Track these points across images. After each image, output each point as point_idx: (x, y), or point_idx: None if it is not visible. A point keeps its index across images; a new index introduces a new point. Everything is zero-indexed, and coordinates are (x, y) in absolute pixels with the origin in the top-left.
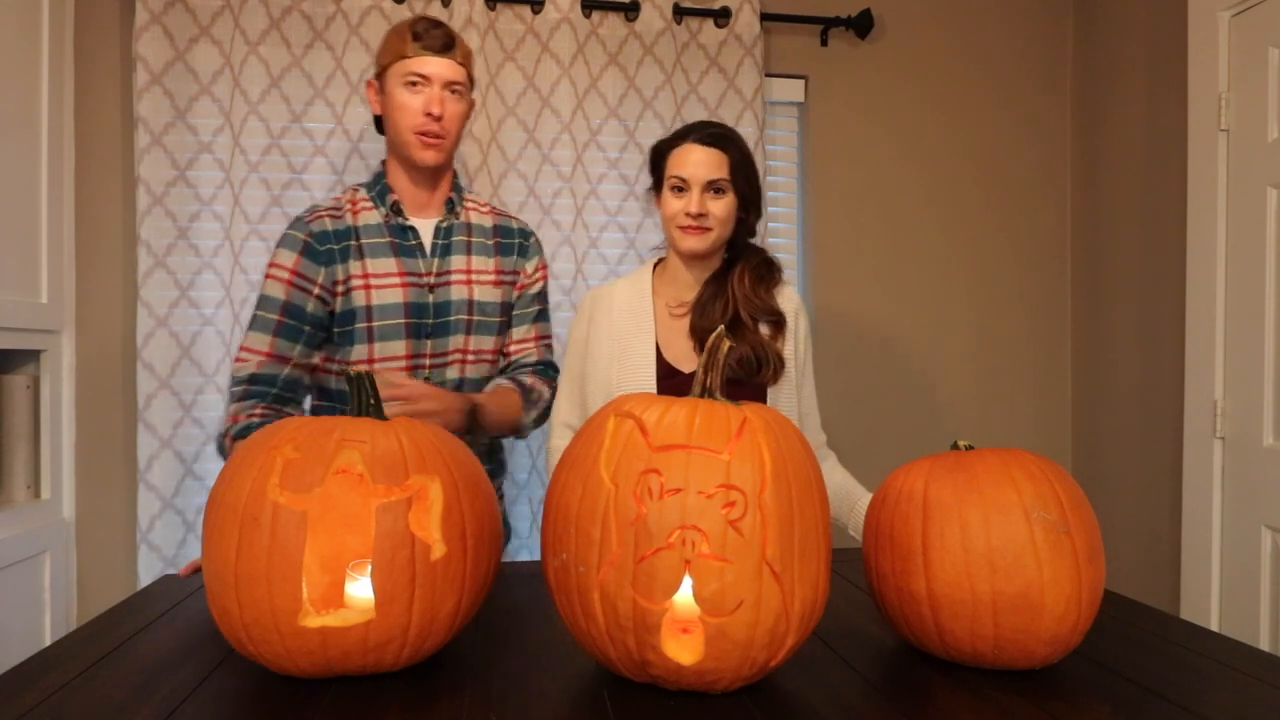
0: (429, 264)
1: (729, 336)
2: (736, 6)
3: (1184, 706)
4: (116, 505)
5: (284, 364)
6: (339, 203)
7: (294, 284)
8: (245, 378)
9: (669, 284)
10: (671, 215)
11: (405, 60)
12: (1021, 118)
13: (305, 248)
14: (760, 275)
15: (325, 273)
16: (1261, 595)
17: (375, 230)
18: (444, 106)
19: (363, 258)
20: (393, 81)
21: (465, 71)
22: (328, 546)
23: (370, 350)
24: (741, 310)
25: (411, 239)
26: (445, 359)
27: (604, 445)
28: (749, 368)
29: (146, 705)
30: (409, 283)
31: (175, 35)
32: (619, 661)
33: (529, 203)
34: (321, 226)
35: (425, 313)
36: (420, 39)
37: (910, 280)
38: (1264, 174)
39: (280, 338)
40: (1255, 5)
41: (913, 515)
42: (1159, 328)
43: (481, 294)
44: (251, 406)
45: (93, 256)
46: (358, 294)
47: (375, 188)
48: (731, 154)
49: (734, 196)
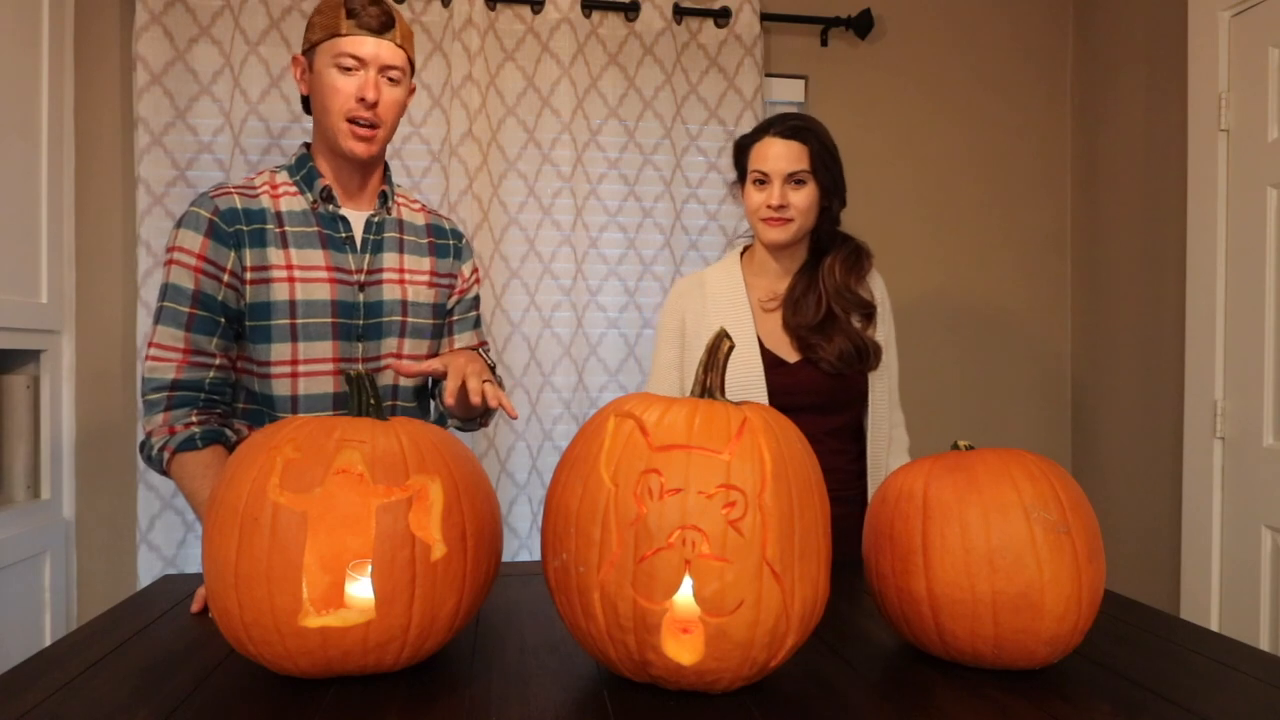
0: (359, 260)
1: (822, 334)
2: (736, 6)
3: (1184, 706)
4: (116, 505)
5: (205, 365)
6: (252, 182)
7: (203, 270)
8: (167, 382)
9: (759, 275)
10: (754, 208)
11: (337, 39)
12: (1021, 118)
13: (211, 228)
14: (850, 266)
15: (234, 257)
16: (1261, 595)
17: (300, 218)
18: (379, 92)
19: (286, 246)
20: (322, 60)
21: (405, 55)
22: (328, 546)
23: (294, 350)
24: (834, 304)
25: (342, 231)
26: (378, 363)
27: (604, 445)
28: (849, 360)
29: (146, 705)
30: (337, 279)
31: (175, 35)
32: (619, 661)
33: (529, 203)
34: (230, 204)
35: (354, 312)
36: (355, 16)
37: (910, 280)
38: (1264, 174)
39: (194, 332)
40: (1255, 5)
41: (913, 515)
42: (1159, 328)
43: (415, 295)
44: (187, 415)
45: (93, 256)
46: (279, 286)
47: (300, 171)
48: (811, 145)
49: (815, 186)
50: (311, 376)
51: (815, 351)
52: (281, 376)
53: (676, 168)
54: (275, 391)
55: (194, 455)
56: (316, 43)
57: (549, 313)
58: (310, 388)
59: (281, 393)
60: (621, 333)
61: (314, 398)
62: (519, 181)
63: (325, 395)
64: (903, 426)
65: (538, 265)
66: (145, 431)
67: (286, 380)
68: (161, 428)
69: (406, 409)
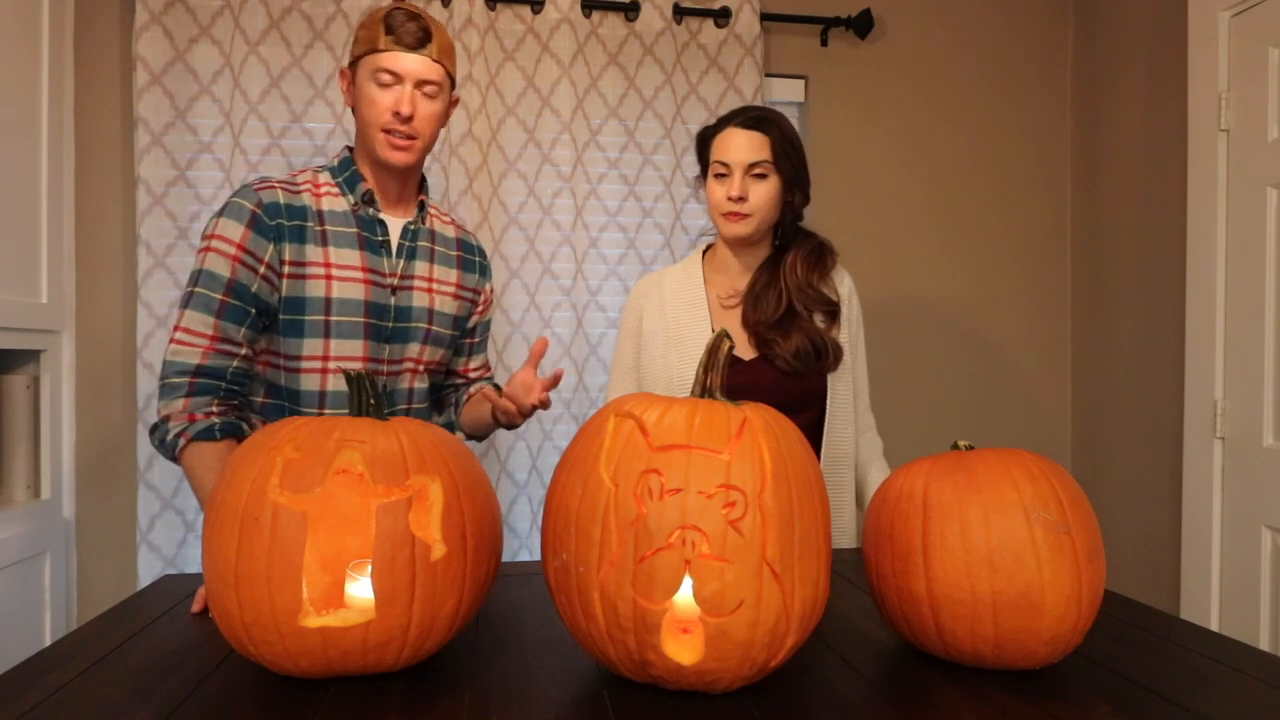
0: (394, 264)
1: (780, 331)
2: (736, 6)
3: (1184, 706)
4: (116, 505)
5: (230, 355)
6: (295, 179)
7: (240, 260)
8: (191, 367)
9: (719, 272)
10: (716, 202)
11: (376, 54)
12: (1021, 118)
13: (253, 220)
14: (813, 262)
15: (273, 250)
16: (1261, 595)
17: (341, 218)
18: (415, 107)
19: (325, 245)
20: (363, 74)
21: (442, 69)
22: (328, 546)
23: (326, 346)
24: (795, 301)
25: (380, 234)
26: (400, 366)
27: (604, 445)
28: (806, 358)
29: (146, 705)
30: (372, 280)
31: (175, 35)
32: (619, 661)
33: (529, 203)
34: (273, 198)
35: (385, 315)
36: (393, 32)
37: (910, 280)
38: (1264, 174)
39: (225, 320)
40: (1255, 5)
41: (913, 515)
42: (1159, 328)
43: (441, 304)
44: (208, 403)
45: (93, 256)
46: (315, 283)
47: (343, 174)
48: (773, 136)
49: (777, 179)
50: (341, 374)
51: (772, 348)
52: (311, 371)
53: (676, 168)
54: (303, 386)
55: (210, 446)
56: (359, 57)
57: (549, 313)
58: (338, 384)
59: (310, 388)
60: None
61: (341, 394)
62: (519, 181)
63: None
64: (874, 430)
65: (538, 265)
66: (161, 414)
67: (316, 375)
68: (181, 413)
69: (420, 410)
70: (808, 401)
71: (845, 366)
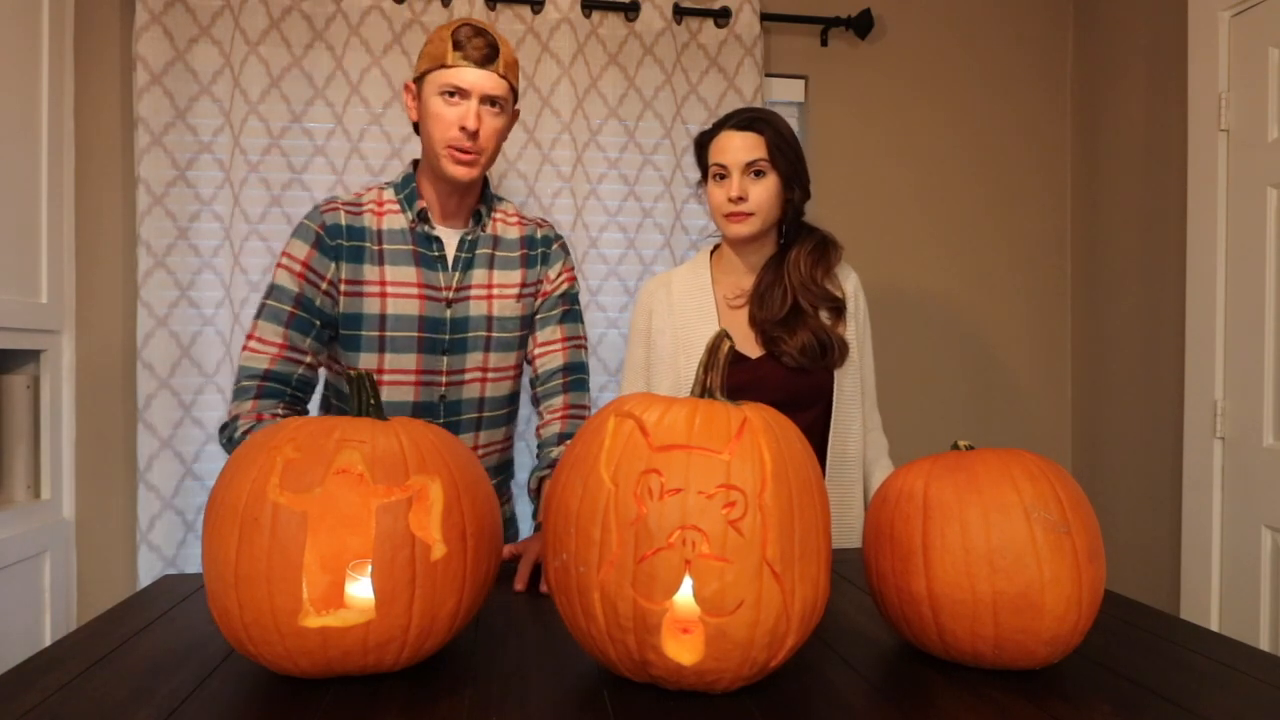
0: (449, 278)
1: (786, 328)
2: (736, 6)
3: (1184, 706)
4: (116, 505)
5: (297, 362)
6: (360, 199)
7: (306, 277)
8: (260, 372)
9: (726, 272)
10: (717, 205)
11: (444, 70)
12: (1021, 118)
13: (318, 240)
14: (817, 258)
15: (334, 268)
16: (1261, 595)
17: (399, 236)
18: (480, 122)
19: (381, 264)
20: (429, 89)
21: (507, 85)
22: (328, 546)
23: (380, 360)
24: (800, 298)
25: (435, 250)
26: (462, 376)
27: (604, 445)
28: (813, 355)
29: (146, 705)
30: (426, 295)
31: (175, 35)
32: (619, 661)
33: (529, 203)
34: (335, 220)
35: (441, 328)
36: (460, 48)
37: (910, 280)
38: (1264, 174)
39: (293, 330)
40: (1255, 5)
41: (913, 515)
42: (1159, 328)
43: (501, 309)
44: (274, 405)
45: (93, 256)
46: (371, 300)
47: (404, 190)
48: (768, 135)
49: (776, 177)
50: (395, 385)
51: (777, 345)
52: None
53: (676, 168)
54: None
55: None
56: (425, 72)
57: None
58: (392, 395)
59: None
60: (621, 333)
61: (395, 405)
62: (519, 181)
63: (406, 404)
64: (879, 429)
65: None
66: (230, 414)
67: None
68: (249, 414)
69: (498, 417)
70: (814, 398)
71: (852, 363)
